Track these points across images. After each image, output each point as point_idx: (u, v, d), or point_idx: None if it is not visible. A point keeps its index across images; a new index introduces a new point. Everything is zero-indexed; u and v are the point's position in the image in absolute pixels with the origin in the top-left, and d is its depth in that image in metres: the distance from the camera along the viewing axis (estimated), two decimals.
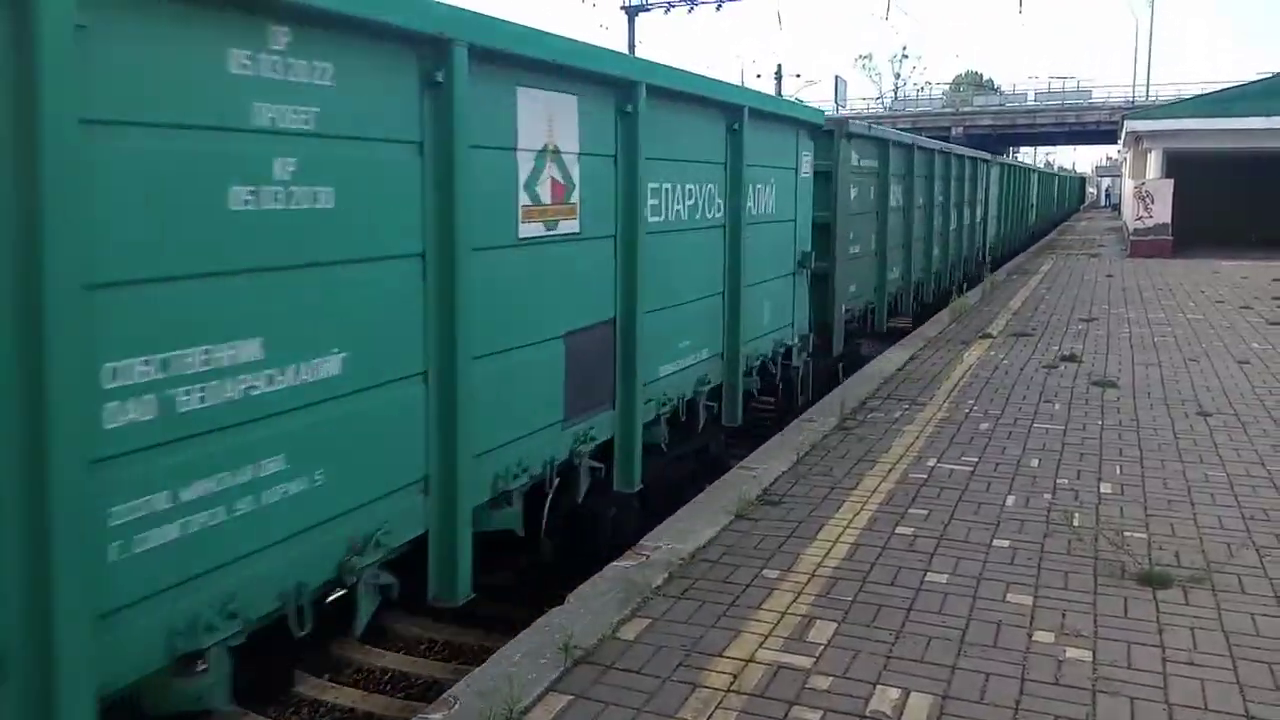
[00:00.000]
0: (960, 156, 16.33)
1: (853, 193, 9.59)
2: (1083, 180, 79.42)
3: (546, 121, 4.28)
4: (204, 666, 2.76)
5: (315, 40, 3.04)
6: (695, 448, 6.36)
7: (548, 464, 4.44)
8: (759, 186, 6.82)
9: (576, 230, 4.58)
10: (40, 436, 2.28)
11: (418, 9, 3.43)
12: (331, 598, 3.42)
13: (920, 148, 12.84)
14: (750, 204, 6.56)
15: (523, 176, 4.14)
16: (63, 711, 2.35)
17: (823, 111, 8.54)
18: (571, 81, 4.45)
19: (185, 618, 2.72)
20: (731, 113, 6.21)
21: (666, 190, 5.46)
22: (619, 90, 4.87)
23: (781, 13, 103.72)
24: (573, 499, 4.72)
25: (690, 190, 5.76)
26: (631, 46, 36.06)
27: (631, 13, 36.78)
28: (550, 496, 4.46)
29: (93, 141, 2.39)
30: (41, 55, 2.20)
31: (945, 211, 14.84)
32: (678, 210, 5.59)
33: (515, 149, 4.09)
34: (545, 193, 4.30)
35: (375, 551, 3.38)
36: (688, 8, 36.32)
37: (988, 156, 20.55)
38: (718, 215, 6.18)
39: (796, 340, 7.79)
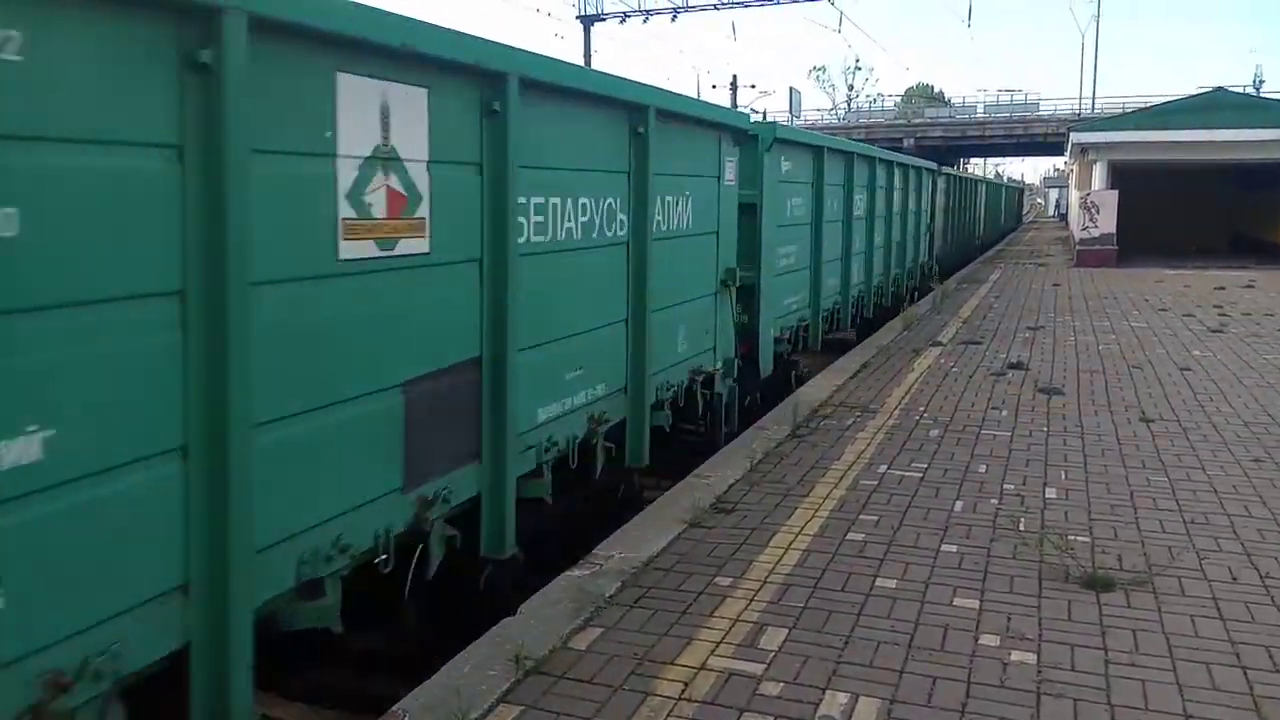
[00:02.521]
0: (904, 165, 15.56)
1: (783, 203, 8.99)
2: (1020, 191, 69.80)
3: (380, 119, 3.47)
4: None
5: None
6: (596, 490, 5.53)
7: (382, 537, 3.58)
8: (671, 198, 6.00)
9: (425, 251, 3.73)
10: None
11: None
12: None
13: (860, 155, 12.21)
14: (659, 218, 5.79)
15: (344, 186, 3.31)
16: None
17: (747, 115, 7.62)
18: (421, 71, 3.63)
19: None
20: (635, 114, 5.39)
21: (554, 205, 4.67)
22: (485, 84, 4.02)
23: (736, 24, 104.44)
24: (433, 567, 3.97)
25: (585, 204, 4.96)
26: (587, 57, 36.16)
27: (587, 23, 36.88)
28: (412, 563, 3.80)
29: None
30: None
31: (888, 222, 14.17)
32: (568, 228, 4.80)
33: (334, 154, 3.26)
34: (379, 205, 3.47)
35: (95, 685, 2.54)
36: (643, 18, 36.51)
37: (933, 166, 19.54)
38: (620, 232, 5.35)
39: (719, 365, 7.01)
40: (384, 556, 3.58)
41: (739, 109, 37.12)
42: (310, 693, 4.36)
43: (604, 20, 37.25)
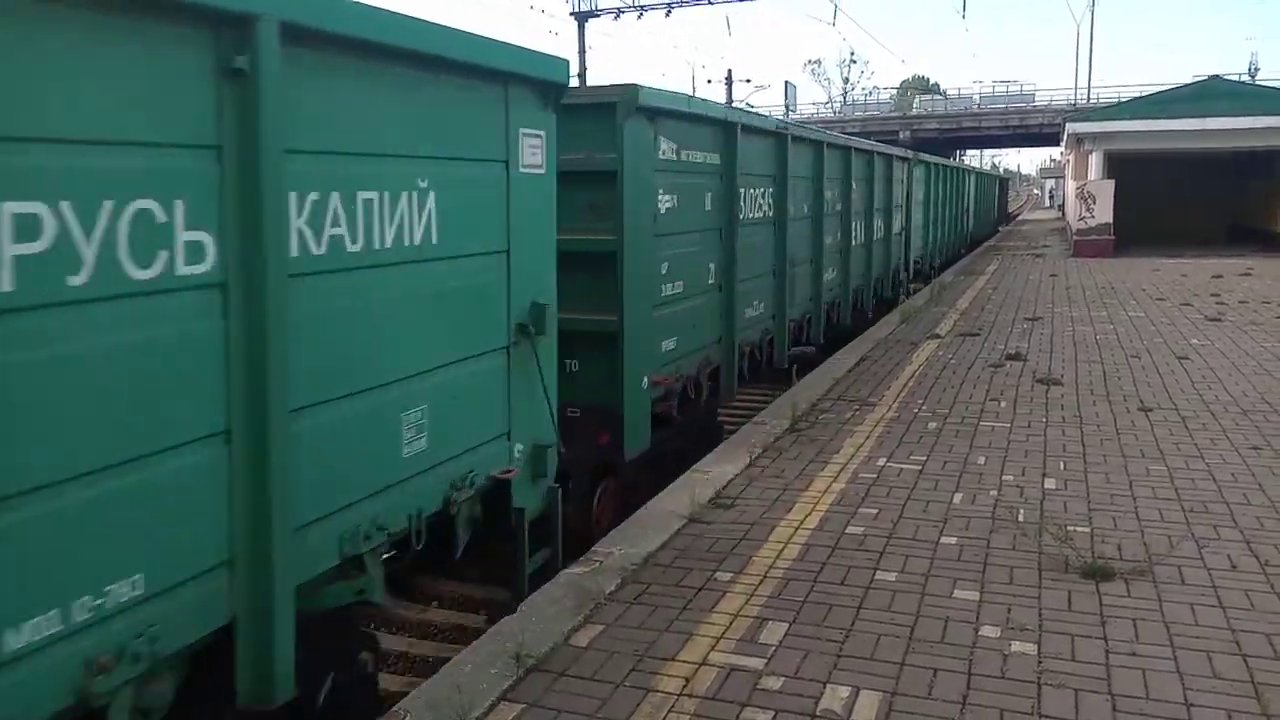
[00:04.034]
0: (867, 153, 12.63)
1: (664, 201, 6.37)
2: (1002, 181, 55.24)
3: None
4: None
5: None
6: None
7: None
8: (346, 196, 3.34)
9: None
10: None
11: None
12: None
13: (796, 138, 9.23)
14: (308, 231, 3.19)
15: None
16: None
17: (564, 61, 4.64)
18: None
19: None
20: (228, 30, 2.85)
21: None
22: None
23: (731, 19, 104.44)
24: None
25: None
26: (582, 52, 36.13)
27: (581, 19, 36.83)
28: None
29: None
30: None
31: (845, 222, 11.51)
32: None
33: None
34: None
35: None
36: (637, 14, 36.45)
37: (907, 154, 16.92)
38: (201, 267, 2.86)
39: (520, 458, 4.53)
40: None
41: (735, 104, 37.01)
42: None
43: (598, 16, 37.19)
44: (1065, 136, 29.77)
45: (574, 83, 4.93)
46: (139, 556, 2.69)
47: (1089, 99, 53.61)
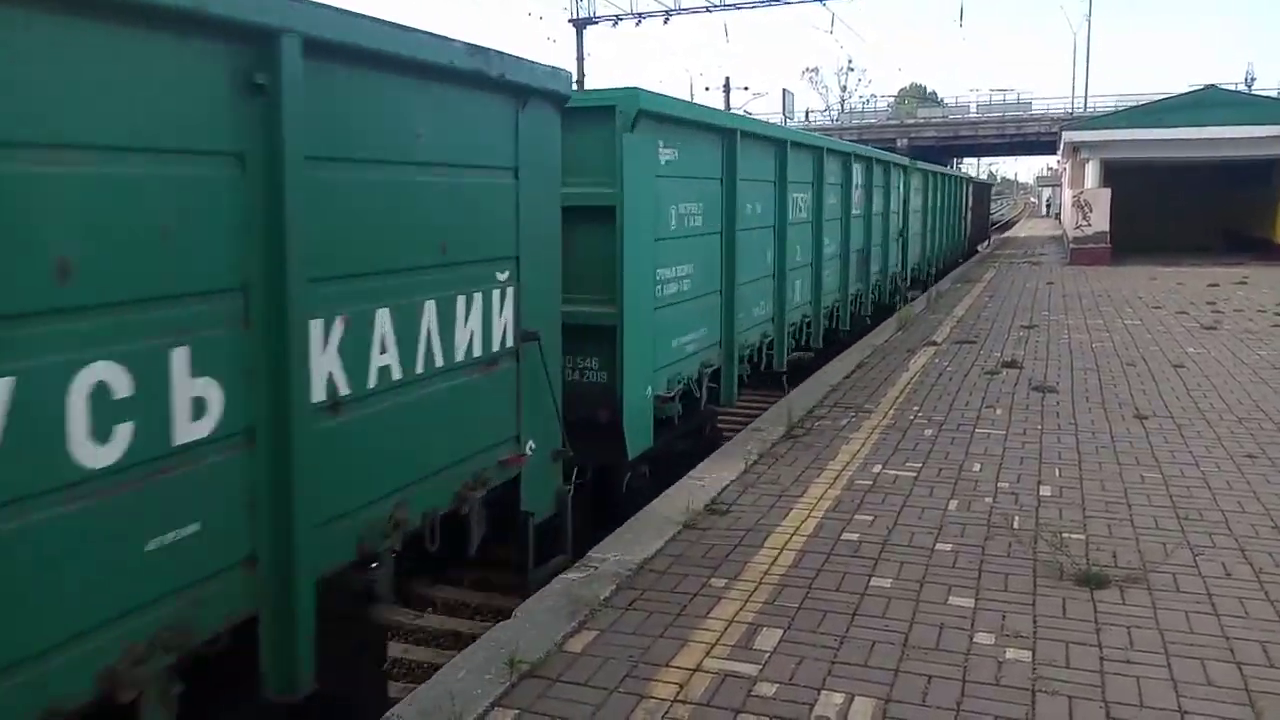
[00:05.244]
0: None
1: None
2: (983, 187, 43.18)
3: None
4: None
5: None
6: None
7: None
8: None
9: None
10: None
11: None
12: None
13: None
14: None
15: None
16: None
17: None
18: None
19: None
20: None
21: None
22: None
23: (728, 26, 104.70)
24: None
25: None
26: (580, 60, 36.18)
27: (579, 26, 36.89)
28: None
29: None
30: None
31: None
32: None
33: None
34: None
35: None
36: (635, 21, 36.51)
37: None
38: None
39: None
40: None
41: (733, 110, 37.06)
42: None
43: (596, 23, 37.25)
44: (1062, 145, 29.85)
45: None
46: None
47: (1086, 108, 53.76)
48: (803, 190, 9.73)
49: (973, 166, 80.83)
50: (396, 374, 3.56)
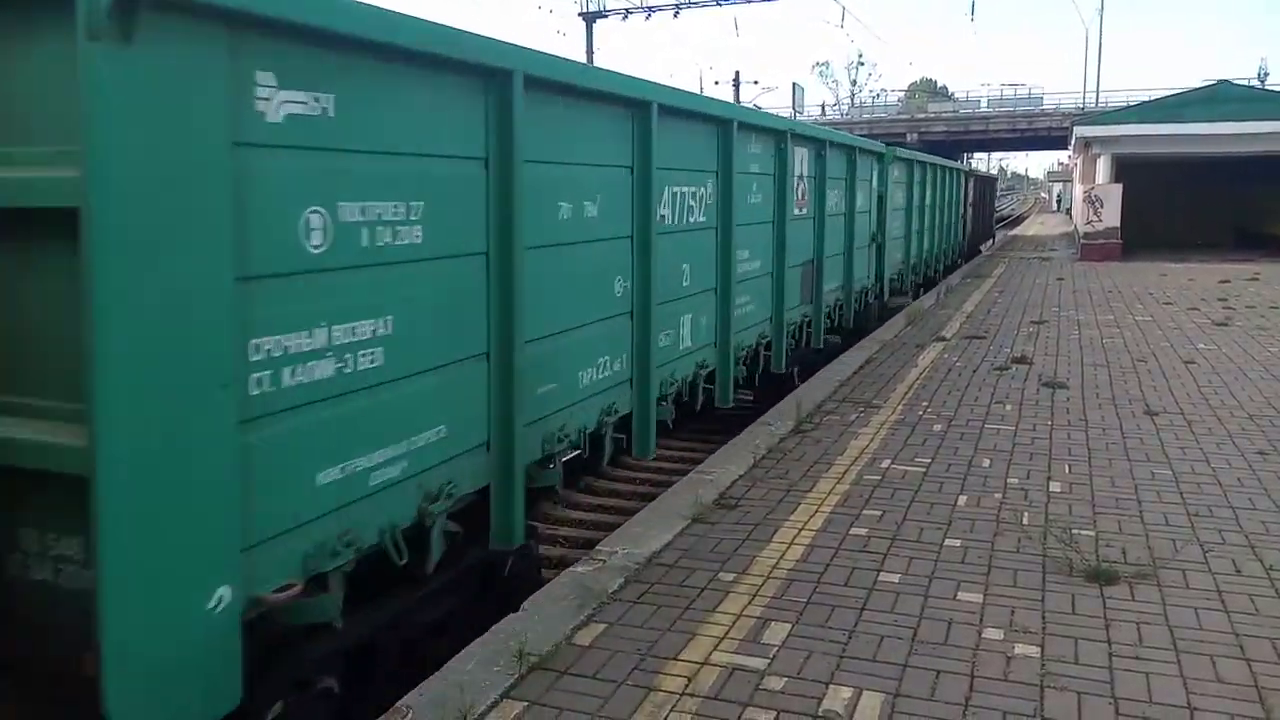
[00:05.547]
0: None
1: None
2: (987, 181, 37.13)
3: None
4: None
5: None
6: None
7: None
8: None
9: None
10: None
11: None
12: None
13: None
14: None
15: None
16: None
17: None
18: None
19: None
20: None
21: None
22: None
23: (739, 20, 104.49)
24: None
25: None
26: (590, 53, 36.14)
27: (589, 19, 36.86)
28: None
29: None
30: None
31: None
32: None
33: None
34: None
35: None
36: (645, 14, 36.47)
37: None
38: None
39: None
40: None
41: (743, 104, 36.98)
42: None
43: (606, 17, 37.23)
44: (1073, 140, 29.70)
45: None
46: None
47: (1097, 103, 53.49)
48: (694, 182, 6.52)
49: (983, 161, 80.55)
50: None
